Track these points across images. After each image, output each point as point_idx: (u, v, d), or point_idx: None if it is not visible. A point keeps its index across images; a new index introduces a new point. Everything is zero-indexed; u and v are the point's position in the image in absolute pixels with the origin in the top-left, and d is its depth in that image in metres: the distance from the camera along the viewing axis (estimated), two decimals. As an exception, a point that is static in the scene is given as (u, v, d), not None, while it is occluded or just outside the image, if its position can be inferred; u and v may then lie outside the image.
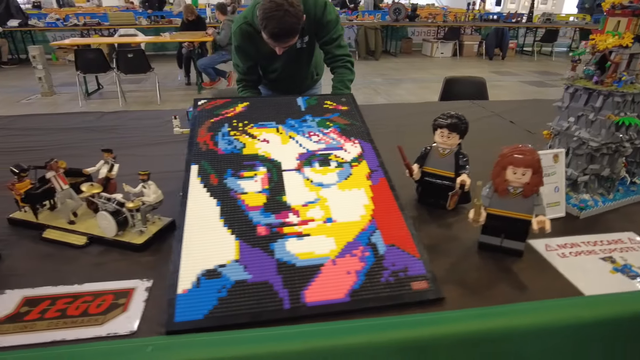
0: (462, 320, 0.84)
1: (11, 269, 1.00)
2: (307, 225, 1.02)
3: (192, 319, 0.81)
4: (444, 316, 0.85)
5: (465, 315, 0.86)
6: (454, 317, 0.85)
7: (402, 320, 0.83)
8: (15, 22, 8.18)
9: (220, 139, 1.24)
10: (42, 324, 0.81)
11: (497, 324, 0.85)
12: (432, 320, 0.84)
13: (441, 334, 0.82)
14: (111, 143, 1.80)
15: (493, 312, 0.87)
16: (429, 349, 0.82)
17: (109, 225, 1.06)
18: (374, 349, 0.79)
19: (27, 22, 8.51)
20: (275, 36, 1.66)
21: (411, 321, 0.83)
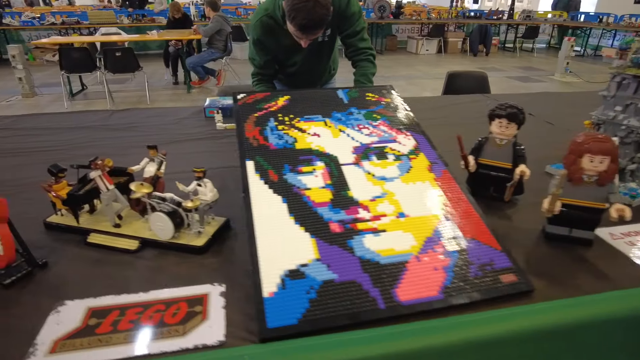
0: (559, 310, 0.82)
1: (62, 277, 0.91)
2: (380, 220, 0.97)
3: (286, 324, 0.75)
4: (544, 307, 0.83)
5: (561, 305, 0.83)
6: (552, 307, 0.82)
7: (503, 314, 0.80)
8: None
9: (270, 134, 1.18)
10: (118, 338, 0.74)
11: (593, 312, 0.83)
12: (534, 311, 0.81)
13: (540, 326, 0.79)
14: (133, 141, 1.72)
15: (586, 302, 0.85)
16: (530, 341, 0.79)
17: (165, 227, 0.98)
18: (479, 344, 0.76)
19: (1, 20, 8.13)
20: (304, 28, 1.60)
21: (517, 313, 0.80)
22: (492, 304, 0.84)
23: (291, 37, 1.82)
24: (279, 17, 1.78)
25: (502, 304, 0.84)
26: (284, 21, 1.77)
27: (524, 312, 0.81)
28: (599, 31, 10.19)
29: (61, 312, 0.80)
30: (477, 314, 0.80)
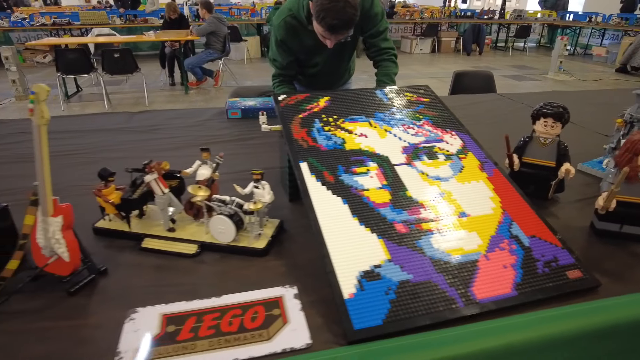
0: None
1: (125, 283, 0.90)
2: (443, 220, 0.97)
3: (371, 325, 0.75)
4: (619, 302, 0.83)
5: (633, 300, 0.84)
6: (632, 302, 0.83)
7: (582, 309, 0.82)
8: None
9: (317, 135, 1.17)
10: (202, 344, 0.73)
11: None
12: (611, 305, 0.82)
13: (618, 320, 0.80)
14: (159, 144, 1.70)
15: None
16: (612, 336, 0.80)
17: (226, 231, 0.97)
18: (564, 340, 0.77)
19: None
20: (334, 28, 1.59)
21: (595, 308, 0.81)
22: (561, 300, 0.85)
23: (314, 38, 1.81)
24: (303, 18, 1.77)
25: (571, 300, 0.85)
26: (309, 21, 1.76)
27: (602, 307, 0.81)
28: (588, 30, 10.38)
29: (136, 320, 0.78)
30: (554, 309, 0.81)
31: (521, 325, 0.77)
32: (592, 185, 1.37)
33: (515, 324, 0.77)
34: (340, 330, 0.76)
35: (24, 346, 0.73)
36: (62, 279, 0.86)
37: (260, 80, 7.13)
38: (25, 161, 1.54)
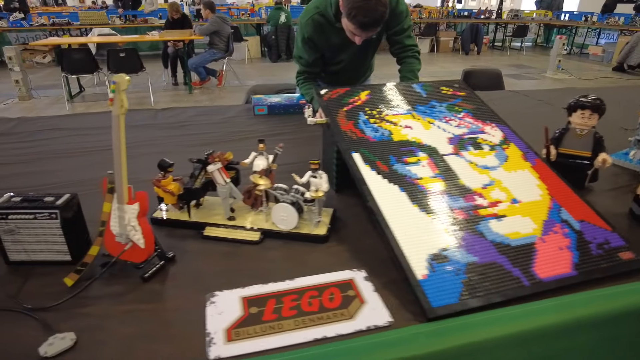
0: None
1: (194, 270, 0.92)
2: (498, 207, 1.00)
3: (448, 302, 0.78)
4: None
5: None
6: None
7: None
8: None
9: (364, 127, 1.20)
10: (288, 324, 0.75)
11: None
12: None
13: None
14: (189, 139, 1.73)
15: None
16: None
17: (289, 218, 1.00)
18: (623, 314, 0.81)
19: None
20: (365, 25, 1.63)
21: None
22: (616, 280, 0.89)
23: (341, 35, 1.84)
24: (331, 15, 1.80)
25: (624, 279, 0.89)
26: (337, 19, 1.79)
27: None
28: (584, 30, 10.52)
29: (217, 303, 0.81)
30: (616, 287, 0.85)
31: (586, 301, 0.81)
32: (621, 175, 1.42)
33: (581, 300, 0.81)
34: (417, 309, 0.79)
35: (112, 327, 0.76)
36: (137, 266, 0.88)
37: (262, 79, 7.15)
38: (63, 156, 1.56)
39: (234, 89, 6.41)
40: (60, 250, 0.91)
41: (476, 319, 0.76)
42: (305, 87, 2.04)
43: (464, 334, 0.73)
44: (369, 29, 1.65)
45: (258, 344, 0.71)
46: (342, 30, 1.81)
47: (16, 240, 0.90)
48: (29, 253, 0.91)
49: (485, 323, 0.75)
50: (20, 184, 1.31)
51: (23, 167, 1.47)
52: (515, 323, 0.76)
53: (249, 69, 8.08)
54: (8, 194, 0.92)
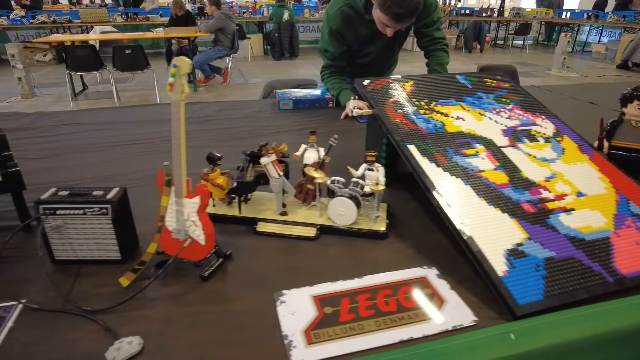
0: None
1: (254, 267, 0.87)
2: (565, 200, 0.96)
3: (534, 300, 0.73)
4: None
5: None
6: None
7: None
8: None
9: (415, 118, 1.15)
10: (369, 324, 0.70)
11: None
12: None
13: None
14: (222, 134, 1.68)
15: None
16: None
17: (347, 213, 0.95)
18: None
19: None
20: (399, 17, 1.58)
21: None
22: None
23: (370, 27, 1.80)
24: (360, 7, 1.75)
25: None
26: (366, 11, 1.75)
27: None
28: (586, 28, 10.51)
29: (287, 303, 0.75)
30: None
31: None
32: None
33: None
34: (498, 307, 0.74)
35: (178, 331, 0.70)
36: (196, 264, 0.83)
37: (266, 77, 7.09)
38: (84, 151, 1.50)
39: (239, 87, 6.35)
40: (109, 247, 0.85)
41: (565, 317, 0.71)
42: (332, 82, 1.99)
43: (554, 333, 0.68)
44: (403, 21, 1.61)
45: (342, 346, 0.66)
46: (371, 22, 1.76)
47: (63, 237, 0.84)
48: (76, 251, 0.86)
49: (574, 321, 0.70)
50: (45, 179, 1.24)
51: (45, 163, 1.41)
52: (606, 321, 0.71)
53: (252, 67, 8.01)
54: (53, 188, 0.87)
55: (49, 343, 0.68)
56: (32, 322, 0.73)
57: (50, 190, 0.86)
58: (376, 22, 1.70)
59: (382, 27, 1.70)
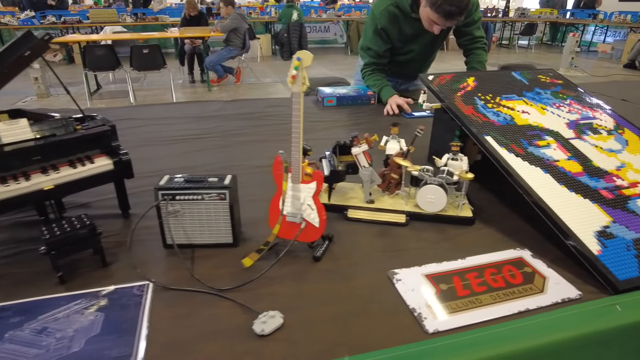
0: None
1: (358, 249, 0.93)
2: (638, 187, 1.02)
3: (632, 276, 0.80)
4: None
5: None
6: None
7: None
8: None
9: (485, 111, 1.21)
10: (486, 298, 0.77)
11: None
12: None
13: None
14: (275, 129, 1.75)
15: None
16: None
17: (437, 200, 1.00)
18: None
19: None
20: (450, 14, 1.64)
21: None
22: None
23: (414, 26, 1.86)
24: (407, 6, 1.81)
25: None
26: (412, 10, 1.81)
27: None
28: (591, 28, 10.61)
29: (403, 281, 0.81)
30: None
31: None
32: None
33: None
34: (596, 283, 0.81)
35: (310, 306, 0.76)
36: (310, 245, 0.89)
37: (277, 77, 7.14)
38: (146, 145, 1.55)
39: (253, 86, 6.40)
40: (223, 232, 0.91)
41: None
42: (373, 79, 2.05)
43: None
44: (454, 18, 1.67)
45: (468, 317, 0.72)
46: (416, 21, 1.82)
47: (177, 222, 0.90)
48: (188, 235, 0.91)
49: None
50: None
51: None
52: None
53: (262, 66, 8.06)
54: (166, 175, 0.92)
55: (193, 318, 0.74)
56: (167, 300, 0.78)
57: (164, 177, 0.91)
58: (423, 19, 1.76)
59: (430, 25, 1.76)
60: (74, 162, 0.94)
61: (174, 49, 8.62)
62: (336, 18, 9.82)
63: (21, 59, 0.89)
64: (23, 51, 0.89)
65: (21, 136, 0.89)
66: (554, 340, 0.68)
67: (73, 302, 0.78)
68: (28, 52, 0.90)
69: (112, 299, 0.78)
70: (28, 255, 0.91)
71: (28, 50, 0.90)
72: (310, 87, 2.71)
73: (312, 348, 0.67)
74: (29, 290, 0.81)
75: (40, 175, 0.89)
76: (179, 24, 7.01)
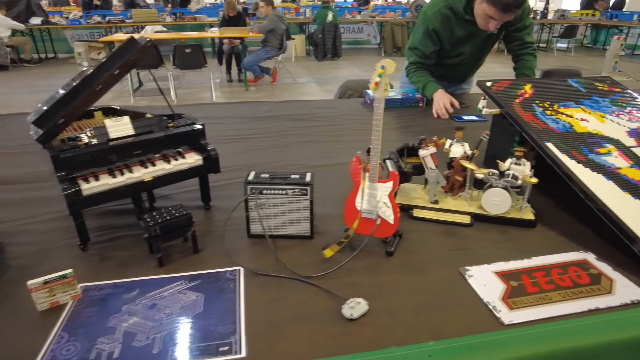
0: None
1: (429, 247, 0.98)
2: None
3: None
4: None
5: None
6: None
7: None
8: (38, 20, 7.90)
9: (544, 118, 1.25)
10: (555, 296, 0.81)
11: None
12: None
13: None
14: (331, 130, 1.80)
15: None
16: None
17: (502, 203, 1.05)
18: None
19: (48, 20, 8.23)
20: (507, 7, 1.65)
21: None
22: None
23: (466, 29, 1.89)
24: (460, 8, 1.84)
25: None
26: (466, 11, 1.84)
27: None
28: (637, 30, 10.21)
29: (475, 277, 0.87)
30: None
31: None
32: None
33: None
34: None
35: (391, 296, 0.83)
36: (384, 240, 0.95)
37: (311, 77, 7.24)
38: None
39: (289, 86, 6.52)
40: (302, 224, 0.99)
41: None
42: (417, 75, 2.08)
43: None
44: (511, 11, 1.68)
45: (540, 312, 0.77)
46: (468, 23, 1.86)
47: (262, 214, 0.99)
48: (271, 227, 1.00)
49: None
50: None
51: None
52: None
53: (296, 67, 8.18)
54: (252, 171, 1.01)
55: (284, 301, 0.82)
56: (259, 285, 0.87)
57: (251, 173, 1.00)
58: (479, 17, 1.78)
59: (485, 21, 1.77)
60: (168, 157, 1.04)
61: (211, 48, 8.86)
62: (370, 19, 9.85)
63: (128, 62, 1.00)
64: (130, 55, 1.00)
65: (125, 132, 1.00)
66: (627, 337, 0.72)
67: (174, 283, 0.87)
68: (133, 57, 1.00)
69: (209, 282, 0.87)
70: (125, 241, 1.02)
71: (133, 55, 1.00)
72: (353, 89, 2.80)
73: (397, 333, 0.74)
74: (131, 271, 0.91)
75: (140, 168, 0.99)
76: (218, 24, 7.22)
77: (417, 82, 2.09)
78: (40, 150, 0.96)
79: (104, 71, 1.00)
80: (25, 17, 7.93)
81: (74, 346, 0.73)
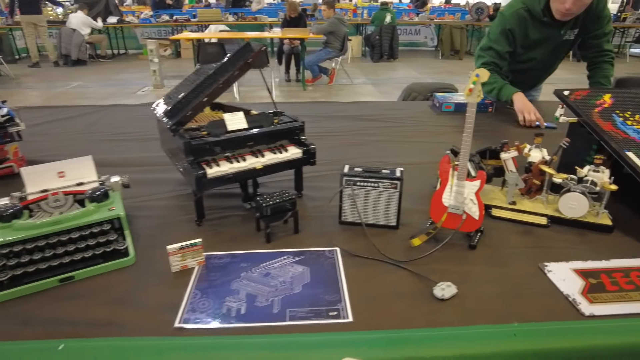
0: None
1: (511, 243, 1.06)
2: None
3: None
4: None
5: None
6: None
7: None
8: (114, 19, 8.55)
9: (625, 128, 1.28)
10: (635, 295, 0.87)
11: None
12: None
13: None
14: (404, 130, 1.89)
15: None
16: None
17: (579, 207, 1.11)
18: None
19: (122, 19, 8.89)
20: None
21: None
22: None
23: (541, 31, 1.92)
24: (538, 10, 1.87)
25: None
26: (543, 13, 1.86)
27: None
28: None
29: (554, 272, 0.94)
30: None
31: None
32: None
33: None
34: None
35: (475, 283, 0.92)
36: (468, 234, 1.05)
37: (367, 78, 7.32)
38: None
39: (344, 87, 6.65)
40: (390, 215, 1.10)
41: None
42: (492, 77, 2.10)
43: None
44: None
45: (619, 308, 0.83)
46: (544, 26, 1.88)
47: (354, 204, 1.11)
48: (361, 216, 1.12)
49: None
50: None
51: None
52: None
53: (351, 67, 8.30)
54: (346, 165, 1.13)
55: (379, 280, 0.93)
56: (355, 265, 0.98)
57: (345, 166, 1.12)
58: (555, 6, 1.81)
59: (561, 6, 1.78)
60: (273, 149, 1.18)
61: (270, 47, 9.17)
62: (429, 21, 9.77)
63: (245, 64, 1.15)
64: (247, 58, 1.15)
65: (240, 125, 1.16)
66: None
67: (282, 257, 1.01)
68: (250, 60, 1.15)
69: (311, 258, 1.00)
70: (233, 220, 1.18)
71: (251, 58, 1.15)
72: (417, 92, 2.87)
73: (484, 315, 0.83)
74: (241, 245, 1.06)
75: (251, 157, 1.15)
76: (278, 25, 7.48)
77: (491, 83, 2.07)
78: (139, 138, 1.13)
79: (224, 71, 1.16)
80: (104, 16, 8.61)
81: (207, 302, 0.88)
